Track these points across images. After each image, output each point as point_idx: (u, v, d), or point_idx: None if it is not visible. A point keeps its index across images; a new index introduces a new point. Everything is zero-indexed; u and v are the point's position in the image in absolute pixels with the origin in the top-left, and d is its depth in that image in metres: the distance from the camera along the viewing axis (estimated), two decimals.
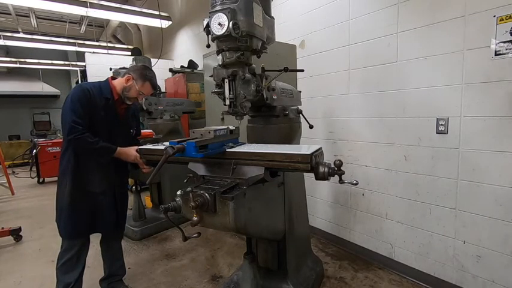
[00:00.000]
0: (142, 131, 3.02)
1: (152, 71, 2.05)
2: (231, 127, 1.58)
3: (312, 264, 2.24)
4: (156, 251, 2.98)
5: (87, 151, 1.80)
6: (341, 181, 1.24)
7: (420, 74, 2.11)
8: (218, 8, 1.35)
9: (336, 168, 1.22)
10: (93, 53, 6.25)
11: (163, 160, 1.24)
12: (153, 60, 3.68)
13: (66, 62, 10.45)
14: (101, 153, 1.82)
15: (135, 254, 2.94)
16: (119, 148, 1.85)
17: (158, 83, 3.79)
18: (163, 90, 4.16)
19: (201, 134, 1.39)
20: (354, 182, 1.26)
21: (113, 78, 1.99)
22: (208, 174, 1.41)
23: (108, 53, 6.65)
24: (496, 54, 1.73)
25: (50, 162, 6.25)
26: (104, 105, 1.84)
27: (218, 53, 1.47)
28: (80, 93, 1.76)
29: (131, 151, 1.87)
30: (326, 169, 1.22)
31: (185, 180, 1.44)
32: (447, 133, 2.00)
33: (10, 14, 7.24)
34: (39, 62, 9.53)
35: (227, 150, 1.42)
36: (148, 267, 2.67)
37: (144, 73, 1.95)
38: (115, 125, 1.93)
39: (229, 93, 1.46)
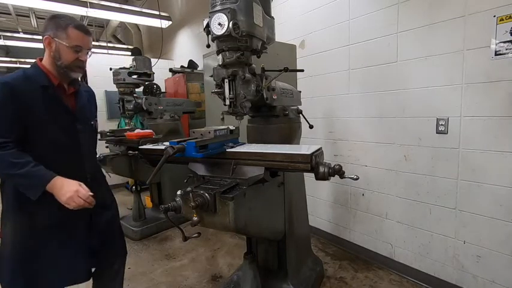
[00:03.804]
0: (142, 131, 3.02)
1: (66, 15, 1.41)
2: (231, 127, 1.58)
3: (312, 264, 2.24)
4: (156, 251, 2.98)
5: (4, 177, 1.31)
6: (342, 177, 1.26)
7: (420, 74, 2.10)
8: (218, 8, 1.35)
9: (336, 171, 1.23)
10: (93, 53, 6.24)
11: (164, 160, 1.24)
12: (153, 60, 3.68)
13: None
14: (23, 185, 1.24)
15: (135, 254, 2.94)
16: (55, 178, 1.26)
17: (158, 83, 3.84)
18: (163, 90, 4.15)
19: (201, 134, 1.39)
20: (355, 176, 1.26)
21: (41, 59, 1.42)
22: (208, 174, 1.41)
23: (108, 53, 6.65)
24: (496, 54, 1.73)
25: None
26: (42, 99, 1.30)
27: (218, 53, 1.47)
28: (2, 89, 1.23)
29: (71, 185, 1.27)
30: (326, 169, 1.23)
31: (185, 180, 1.44)
32: (447, 133, 2.00)
33: (10, 14, 7.24)
34: None
35: (227, 150, 1.42)
36: (148, 267, 2.67)
37: (58, 21, 1.35)
38: (70, 125, 1.40)
39: (229, 93, 1.46)
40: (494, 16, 1.71)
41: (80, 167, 1.43)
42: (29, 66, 1.46)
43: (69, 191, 1.24)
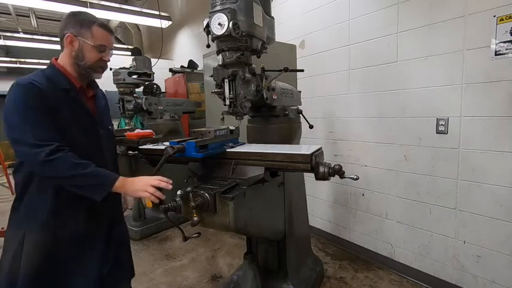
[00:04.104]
0: (142, 131, 3.02)
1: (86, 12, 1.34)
2: (231, 127, 1.58)
3: (312, 264, 2.24)
4: (156, 251, 2.98)
5: (66, 181, 1.14)
6: (342, 177, 1.26)
7: (420, 74, 2.10)
8: (218, 8, 1.35)
9: (336, 171, 1.23)
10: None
11: (164, 160, 1.24)
12: (153, 60, 3.68)
13: None
14: (88, 186, 1.15)
15: (135, 254, 2.92)
16: (120, 178, 1.21)
17: (158, 83, 3.84)
18: (163, 90, 4.16)
19: (201, 134, 1.39)
20: (355, 176, 1.26)
21: (56, 59, 1.32)
22: (209, 174, 1.41)
23: None
24: (496, 54, 1.73)
25: None
26: (65, 102, 1.22)
27: (218, 53, 1.47)
28: (28, 92, 1.13)
29: (142, 177, 1.22)
30: (326, 169, 1.23)
31: (185, 180, 1.44)
32: (447, 133, 2.00)
33: (10, 14, 7.24)
34: (39, 62, 9.52)
35: (227, 150, 1.42)
36: (149, 267, 2.67)
37: (81, 19, 1.27)
38: (92, 129, 1.33)
39: (229, 93, 1.46)
40: (494, 16, 1.71)
41: None
42: (29, 66, 1.44)
43: (144, 181, 1.21)
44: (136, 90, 3.57)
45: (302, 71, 1.90)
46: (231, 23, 1.30)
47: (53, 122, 1.15)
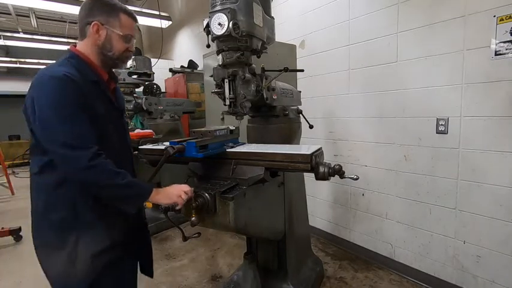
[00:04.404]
0: (142, 131, 3.02)
1: None
2: (231, 127, 1.58)
3: (312, 264, 2.24)
4: (156, 251, 2.97)
5: (103, 189, 1.06)
6: (342, 177, 1.26)
7: (420, 74, 2.10)
8: (218, 8, 1.35)
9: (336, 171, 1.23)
10: None
11: (164, 160, 1.24)
12: (153, 60, 3.68)
13: None
14: (123, 197, 1.09)
15: None
16: (155, 189, 1.15)
17: (158, 83, 3.84)
18: (163, 90, 4.16)
19: (201, 134, 1.39)
20: (355, 176, 1.26)
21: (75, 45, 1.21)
22: (209, 174, 1.41)
23: None
24: (496, 54, 1.73)
25: None
26: (96, 98, 1.13)
27: (218, 53, 1.47)
28: (64, 86, 1.02)
29: (174, 188, 1.17)
30: (326, 169, 1.23)
31: (185, 180, 1.44)
32: (447, 133, 2.00)
33: (10, 14, 7.23)
34: (39, 62, 9.52)
35: (227, 150, 1.42)
36: None
37: (108, 6, 1.17)
38: (118, 125, 1.26)
39: (229, 93, 1.46)
40: (494, 16, 1.71)
41: (132, 173, 1.24)
42: (29, 66, 1.39)
43: (178, 188, 1.16)
44: (137, 90, 3.57)
45: (302, 71, 1.90)
46: (231, 23, 1.30)
47: (91, 120, 1.06)
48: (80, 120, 1.03)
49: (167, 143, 1.34)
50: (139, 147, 1.78)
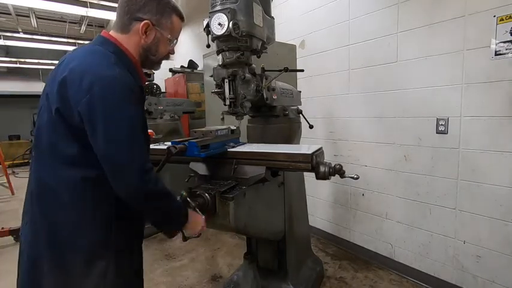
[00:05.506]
0: None
1: None
2: (232, 127, 1.59)
3: (312, 264, 2.24)
4: (156, 251, 2.98)
5: (153, 212, 0.98)
6: (342, 176, 1.26)
7: (420, 74, 2.11)
8: (218, 8, 1.35)
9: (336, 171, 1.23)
10: None
11: (165, 159, 1.24)
12: None
13: None
14: (171, 217, 1.03)
15: None
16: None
17: (158, 83, 3.84)
18: (163, 90, 4.16)
19: (203, 134, 1.39)
20: (355, 176, 1.26)
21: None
22: (209, 173, 1.41)
23: None
24: (496, 54, 1.73)
25: None
26: (142, 107, 1.05)
27: (218, 53, 1.47)
28: (126, 92, 0.89)
29: (198, 224, 1.11)
30: (326, 169, 1.23)
31: (186, 180, 1.44)
32: (447, 133, 2.00)
33: (10, 14, 7.23)
34: (39, 62, 9.53)
35: (229, 150, 1.42)
36: (148, 267, 2.66)
37: (161, 4, 1.03)
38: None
39: (229, 93, 1.47)
40: (494, 16, 1.71)
41: None
42: (29, 66, 1.34)
43: (200, 224, 1.11)
44: None
45: (302, 71, 1.90)
46: (231, 23, 1.30)
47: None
48: (143, 136, 0.94)
49: (168, 143, 1.34)
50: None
